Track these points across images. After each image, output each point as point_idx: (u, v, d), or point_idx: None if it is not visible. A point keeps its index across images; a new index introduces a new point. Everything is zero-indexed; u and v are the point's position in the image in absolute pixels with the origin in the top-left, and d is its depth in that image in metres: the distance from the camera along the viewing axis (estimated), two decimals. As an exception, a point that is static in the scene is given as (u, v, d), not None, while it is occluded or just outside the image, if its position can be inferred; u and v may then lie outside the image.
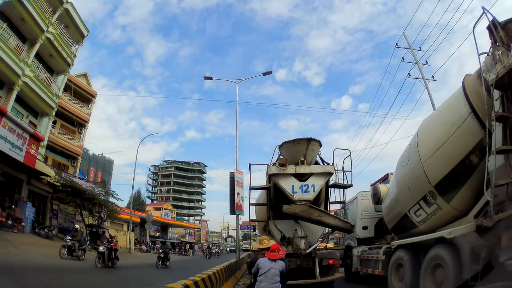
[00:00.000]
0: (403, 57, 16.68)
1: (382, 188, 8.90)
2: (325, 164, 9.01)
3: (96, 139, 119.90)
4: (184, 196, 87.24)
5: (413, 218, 6.53)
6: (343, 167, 9.40)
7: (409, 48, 16.81)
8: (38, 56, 19.76)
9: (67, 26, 22.20)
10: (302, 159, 8.49)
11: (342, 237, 13.33)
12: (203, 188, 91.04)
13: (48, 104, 20.00)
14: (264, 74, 16.03)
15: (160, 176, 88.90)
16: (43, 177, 17.36)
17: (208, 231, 70.13)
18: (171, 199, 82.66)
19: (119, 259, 12.99)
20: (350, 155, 9.35)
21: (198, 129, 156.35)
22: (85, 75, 28.61)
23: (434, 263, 5.28)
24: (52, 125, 24.27)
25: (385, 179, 38.79)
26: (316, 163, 9.07)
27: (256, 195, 11.74)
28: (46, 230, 15.70)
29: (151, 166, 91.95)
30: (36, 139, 15.61)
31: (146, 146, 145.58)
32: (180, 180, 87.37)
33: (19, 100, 18.50)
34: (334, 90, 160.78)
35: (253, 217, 11.02)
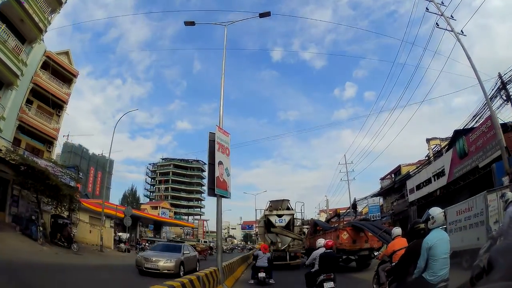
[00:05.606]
0: (427, 8, 13.89)
1: None
2: (291, 209, 19.27)
3: (82, 132, 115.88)
4: (183, 194, 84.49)
5: None
6: (301, 209, 19.91)
7: (431, 0, 14.01)
8: (9, 25, 17.40)
9: (43, -10, 19.78)
10: (280, 207, 18.78)
11: None
12: (202, 187, 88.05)
13: (12, 71, 17.38)
14: (261, 15, 12.27)
15: (158, 174, 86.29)
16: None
17: (207, 230, 66.97)
18: (169, 197, 79.96)
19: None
20: (303, 204, 21.84)
21: (191, 121, 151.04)
22: (67, 53, 25.91)
23: None
24: (27, 105, 21.74)
25: (397, 171, 35.88)
26: (288, 208, 18.96)
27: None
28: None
29: (149, 164, 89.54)
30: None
31: (137, 141, 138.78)
32: (179, 179, 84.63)
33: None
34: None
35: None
